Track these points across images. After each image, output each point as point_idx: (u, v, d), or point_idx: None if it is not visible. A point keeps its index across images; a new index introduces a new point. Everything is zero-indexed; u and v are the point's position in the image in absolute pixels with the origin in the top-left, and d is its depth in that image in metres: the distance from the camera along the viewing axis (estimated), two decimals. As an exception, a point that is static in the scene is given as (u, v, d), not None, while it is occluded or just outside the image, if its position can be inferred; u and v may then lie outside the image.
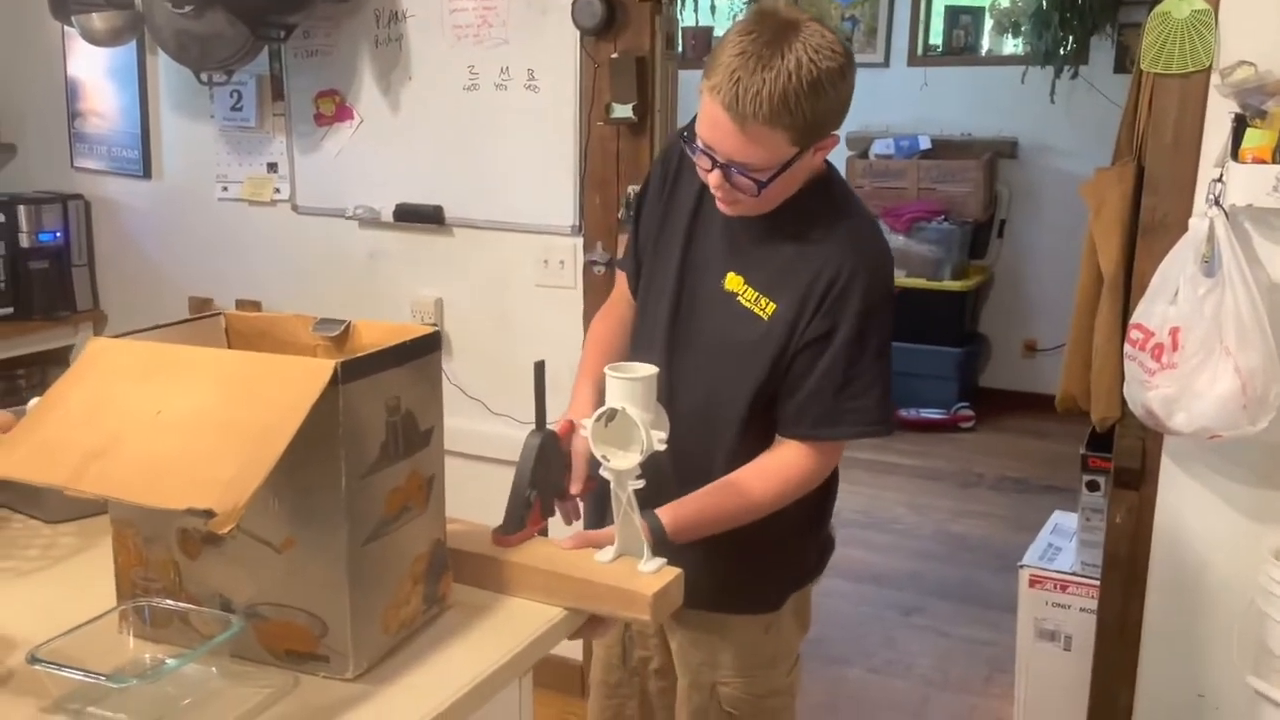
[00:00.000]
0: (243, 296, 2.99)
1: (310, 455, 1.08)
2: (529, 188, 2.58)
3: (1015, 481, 4.45)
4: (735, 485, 1.48)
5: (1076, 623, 2.40)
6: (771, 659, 1.64)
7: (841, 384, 1.46)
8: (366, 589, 1.13)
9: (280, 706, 1.09)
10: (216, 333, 1.34)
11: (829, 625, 3.20)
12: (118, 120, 3.10)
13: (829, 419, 1.47)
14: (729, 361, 1.53)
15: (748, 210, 1.49)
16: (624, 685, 1.75)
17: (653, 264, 1.62)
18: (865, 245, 1.49)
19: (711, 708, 1.63)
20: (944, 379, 5.24)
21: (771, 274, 1.50)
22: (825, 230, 1.48)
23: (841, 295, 1.45)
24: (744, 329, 1.51)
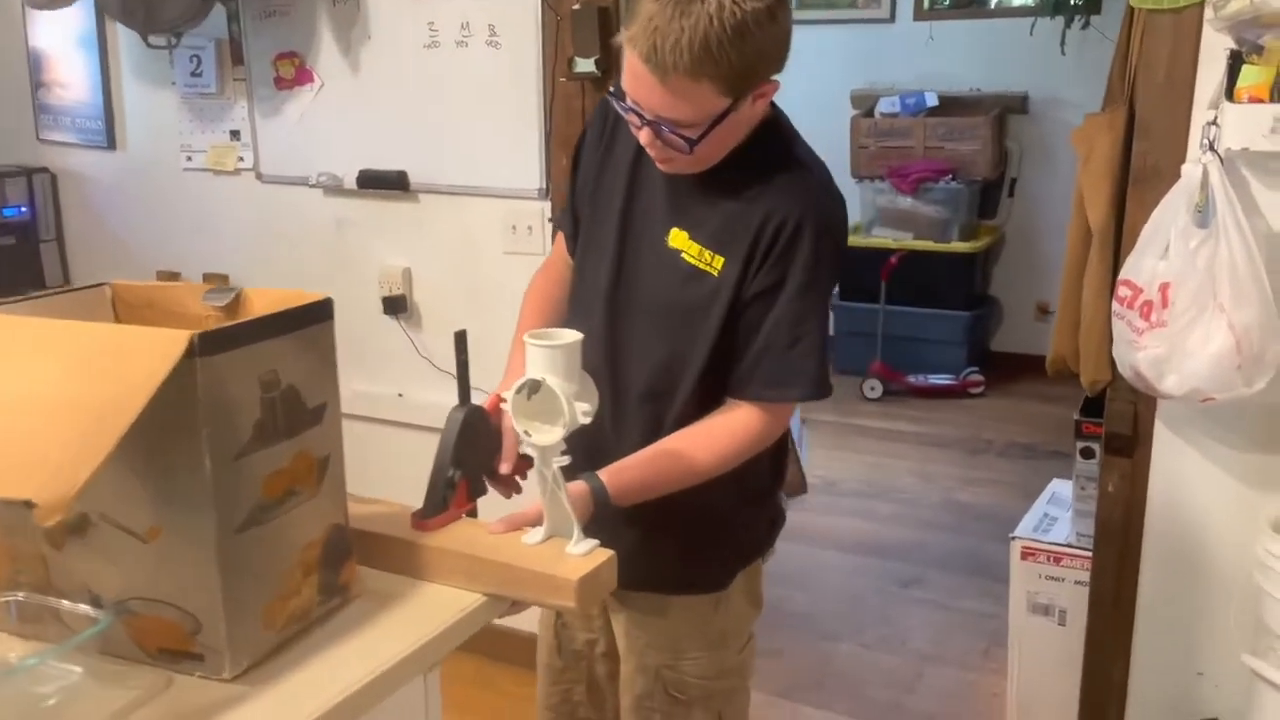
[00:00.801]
0: (210, 270, 2.90)
1: (172, 436, 0.99)
2: (493, 150, 2.46)
3: (1024, 448, 4.31)
4: (681, 447, 1.38)
5: (1071, 596, 2.28)
6: (720, 639, 1.54)
7: (789, 342, 1.36)
8: (242, 581, 1.04)
9: (146, 710, 1.00)
10: (102, 304, 1.24)
11: (822, 598, 3.10)
12: (81, 90, 3.01)
13: (778, 379, 1.37)
14: (678, 324, 1.42)
15: (686, 168, 1.37)
16: (569, 669, 1.66)
17: (591, 222, 1.51)
18: (815, 192, 1.38)
19: (657, 691, 1.53)
20: (953, 343, 5.10)
21: (717, 227, 1.39)
22: (772, 178, 1.37)
23: (790, 244, 1.34)
24: (692, 288, 1.40)
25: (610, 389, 1.46)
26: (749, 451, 1.40)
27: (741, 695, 1.61)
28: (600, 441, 1.48)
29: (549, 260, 1.64)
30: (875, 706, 2.57)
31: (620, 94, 1.32)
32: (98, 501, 1.04)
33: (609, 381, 1.46)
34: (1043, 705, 2.37)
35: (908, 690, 2.64)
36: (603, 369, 1.46)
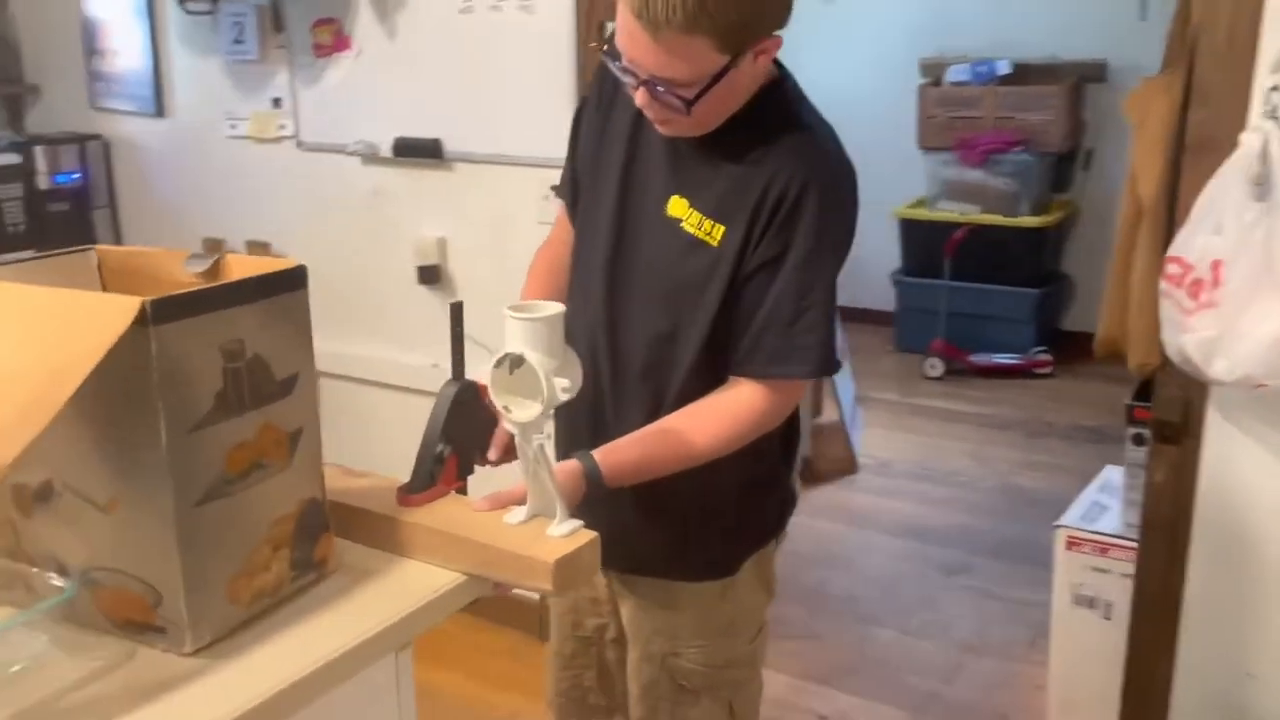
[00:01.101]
0: (252, 238, 2.91)
1: (128, 405, 0.97)
2: (527, 117, 2.42)
3: (1090, 431, 4.15)
4: (679, 426, 1.32)
5: (1118, 589, 2.18)
6: (729, 627, 1.48)
7: (792, 316, 1.29)
8: (203, 555, 1.01)
9: (104, 682, 0.99)
10: (88, 269, 1.22)
11: (865, 582, 3.02)
12: (132, 58, 3.04)
13: (782, 355, 1.30)
14: (677, 298, 1.36)
15: (686, 130, 1.31)
16: (579, 655, 1.62)
17: (590, 191, 1.45)
18: (820, 156, 1.31)
19: (663, 680, 1.49)
20: (1020, 321, 4.93)
21: (719, 194, 1.32)
22: (776, 142, 1.30)
23: (793, 211, 1.27)
24: (691, 260, 1.34)
25: (610, 365, 1.41)
26: (753, 432, 1.34)
27: (753, 686, 1.55)
28: (601, 419, 1.43)
29: (550, 236, 1.59)
30: (912, 695, 2.50)
31: (615, 54, 1.26)
32: (59, 470, 1.02)
33: (609, 357, 1.41)
34: (1085, 702, 2.28)
35: (946, 680, 2.55)
36: (602, 344, 1.41)
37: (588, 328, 1.43)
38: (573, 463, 1.28)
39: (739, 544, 1.47)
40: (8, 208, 2.95)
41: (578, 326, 1.46)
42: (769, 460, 1.45)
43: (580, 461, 1.28)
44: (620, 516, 1.43)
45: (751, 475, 1.43)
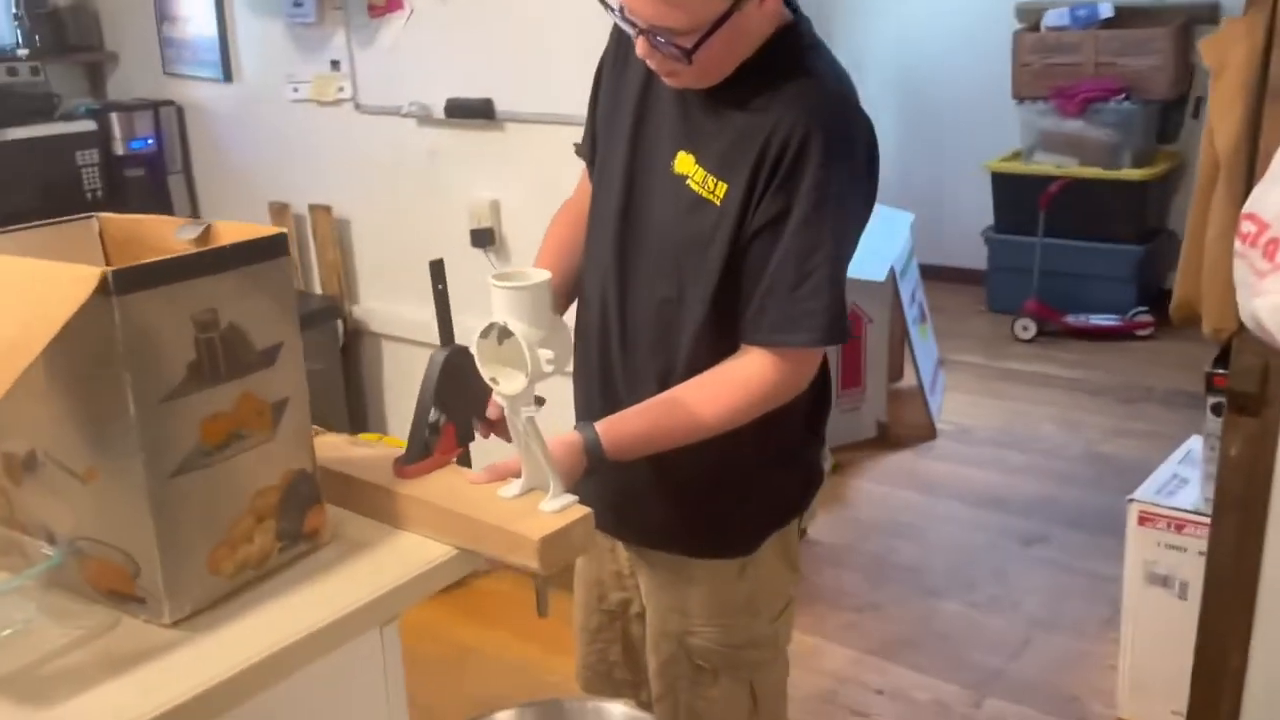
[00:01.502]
0: (315, 201, 2.93)
1: (97, 376, 0.96)
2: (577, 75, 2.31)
3: (1190, 397, 3.92)
4: (684, 397, 1.27)
5: (1194, 568, 2.04)
6: (748, 606, 1.42)
7: (796, 279, 1.22)
8: (180, 527, 1.00)
9: (84, 650, 0.99)
10: (89, 237, 1.23)
11: (933, 553, 2.92)
12: (201, 24, 3.08)
13: (787, 322, 1.23)
14: (681, 258, 1.30)
15: (693, 81, 1.24)
16: (604, 630, 1.59)
17: (604, 149, 1.39)
18: (822, 103, 1.22)
19: (680, 658, 1.44)
20: (1120, 280, 4.68)
21: (722, 149, 1.26)
22: (780, 90, 1.22)
23: (795, 165, 1.20)
24: (696, 219, 1.28)
25: (620, 331, 1.36)
26: (764, 403, 1.27)
27: (777, 667, 1.49)
28: (612, 387, 1.39)
29: (569, 199, 1.54)
30: (974, 671, 2.40)
31: (615, 4, 1.20)
32: (41, 440, 1.03)
33: (619, 323, 1.36)
34: (1158, 685, 2.16)
35: (1012, 656, 2.45)
36: (613, 310, 1.36)
37: (599, 292, 1.38)
38: (573, 435, 1.23)
39: (757, 522, 1.41)
40: (86, 174, 3.04)
41: (590, 291, 1.41)
42: (790, 434, 1.39)
43: (581, 433, 1.23)
44: (634, 488, 1.38)
45: (771, 450, 1.37)
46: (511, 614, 2.60)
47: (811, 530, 3.03)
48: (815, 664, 2.42)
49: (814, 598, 2.70)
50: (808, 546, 2.95)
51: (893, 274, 3.56)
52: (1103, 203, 4.63)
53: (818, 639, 2.51)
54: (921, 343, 3.80)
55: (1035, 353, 4.49)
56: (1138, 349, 4.48)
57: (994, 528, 3.05)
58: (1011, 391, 4.09)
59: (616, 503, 1.43)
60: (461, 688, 2.40)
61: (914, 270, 3.92)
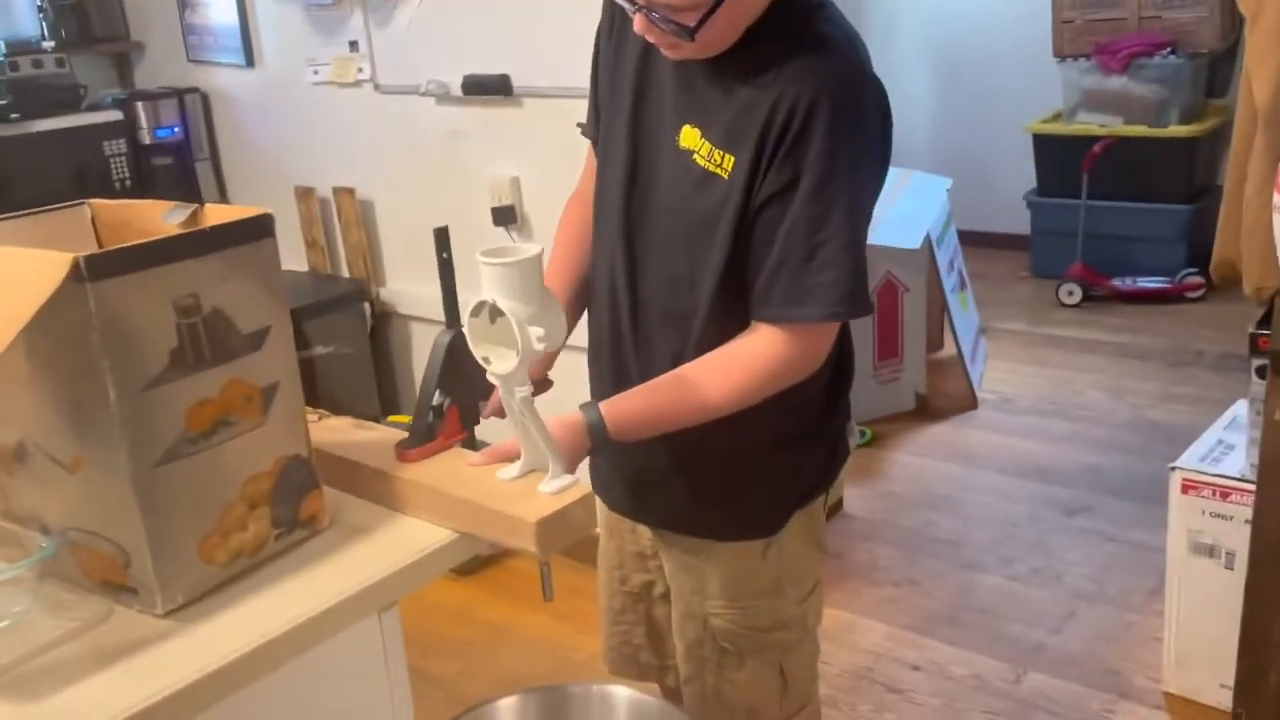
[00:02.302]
0: (339, 184, 2.92)
1: (77, 365, 0.94)
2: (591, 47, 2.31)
3: (1242, 359, 3.77)
4: (692, 376, 1.23)
5: (1240, 537, 1.97)
6: (773, 587, 1.38)
7: (806, 253, 1.17)
8: (168, 516, 0.99)
9: (77, 642, 0.98)
10: (81, 224, 1.21)
11: (972, 525, 2.86)
12: (223, 10, 3.07)
13: (797, 296, 1.18)
14: (692, 236, 1.26)
15: (696, 53, 1.20)
16: (628, 612, 1.55)
17: (607, 125, 1.35)
18: (831, 67, 1.17)
19: (706, 640, 1.41)
20: (1168, 241, 4.55)
21: (728, 121, 1.21)
22: (786, 56, 1.17)
23: (801, 133, 1.15)
24: (703, 195, 1.23)
25: (630, 310, 1.32)
26: (774, 381, 1.23)
27: (805, 647, 1.45)
28: (623, 368, 1.35)
29: (576, 190, 1.50)
30: (1014, 646, 2.35)
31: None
32: (28, 430, 1.02)
33: (629, 303, 1.32)
34: (1204, 657, 2.09)
35: (1054, 630, 2.39)
36: (622, 289, 1.32)
37: (608, 272, 1.34)
38: (576, 415, 1.20)
39: (778, 501, 1.36)
40: (114, 164, 3.05)
41: (600, 272, 1.37)
42: (809, 411, 1.34)
43: (584, 414, 1.20)
44: (652, 470, 1.36)
45: (789, 428, 1.32)
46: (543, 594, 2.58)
47: (847, 504, 2.98)
48: (850, 640, 2.38)
49: (849, 573, 2.65)
50: (843, 521, 2.91)
51: (929, 241, 3.48)
52: (1149, 162, 4.49)
53: (853, 615, 2.47)
54: (961, 311, 3.71)
55: (1080, 318, 4.38)
56: (1188, 311, 4.35)
57: (1036, 498, 2.97)
58: (1055, 358, 4.00)
59: (635, 485, 1.41)
60: (493, 668, 2.39)
61: (952, 237, 3.83)
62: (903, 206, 3.57)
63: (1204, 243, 4.57)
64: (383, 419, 2.69)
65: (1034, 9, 4.68)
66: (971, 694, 2.22)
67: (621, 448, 1.24)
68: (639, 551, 1.52)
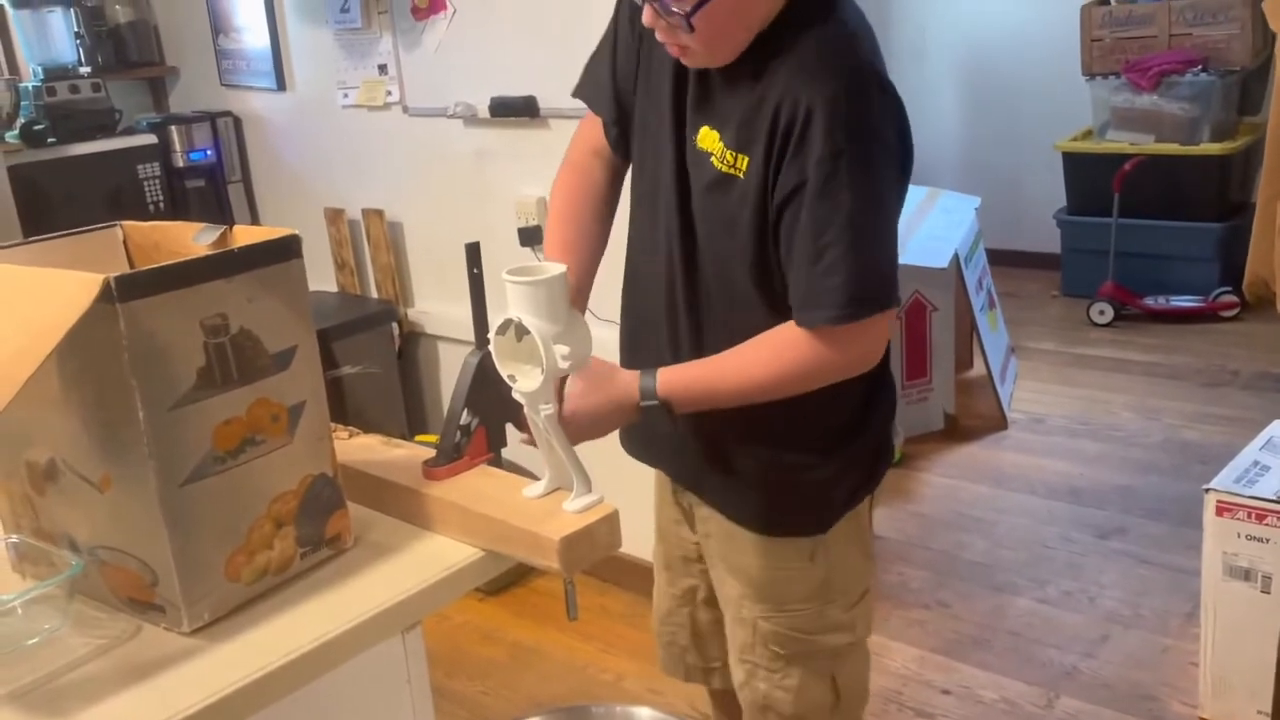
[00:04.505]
0: (368, 206, 2.95)
1: (107, 385, 0.96)
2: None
3: (1276, 380, 3.75)
4: (737, 357, 1.24)
5: (1277, 560, 1.94)
6: (822, 591, 1.38)
7: (812, 256, 1.16)
8: (195, 535, 1.00)
9: (103, 660, 0.99)
10: (114, 245, 1.23)
11: (1003, 547, 2.83)
12: (255, 35, 3.12)
13: (809, 300, 1.19)
14: (719, 234, 1.27)
15: (705, 59, 1.23)
16: (674, 614, 1.58)
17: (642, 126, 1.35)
18: (830, 64, 1.16)
19: (758, 645, 1.41)
20: (1201, 260, 4.49)
21: (738, 123, 1.22)
22: (788, 55, 1.17)
23: (803, 135, 1.15)
24: (724, 195, 1.24)
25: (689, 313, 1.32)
26: (807, 377, 1.22)
27: (857, 656, 1.46)
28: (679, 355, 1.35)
29: (570, 158, 1.48)
30: (1046, 670, 2.31)
31: None
32: (59, 449, 1.03)
33: (688, 304, 1.32)
34: (1241, 682, 2.05)
35: (1087, 654, 2.35)
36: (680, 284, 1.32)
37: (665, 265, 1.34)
38: (633, 372, 1.23)
39: (830, 498, 1.37)
40: (148, 186, 3.09)
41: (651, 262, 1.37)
42: (844, 417, 1.34)
43: (641, 381, 1.23)
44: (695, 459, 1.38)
45: (824, 432, 1.33)
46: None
47: (876, 525, 2.94)
48: (879, 663, 2.35)
49: (879, 595, 2.62)
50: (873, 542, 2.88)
51: (957, 260, 3.46)
52: (1181, 180, 4.45)
53: (882, 637, 2.44)
54: (990, 330, 3.68)
55: (1112, 337, 4.33)
56: (1222, 331, 4.29)
57: (1068, 520, 2.93)
58: (1087, 378, 3.95)
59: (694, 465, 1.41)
60: (517, 688, 2.38)
61: (981, 256, 3.80)
62: (931, 225, 3.56)
63: (1238, 261, 4.53)
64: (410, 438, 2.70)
65: (1063, 27, 4.67)
66: (1002, 718, 2.18)
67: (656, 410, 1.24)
68: (684, 555, 1.54)
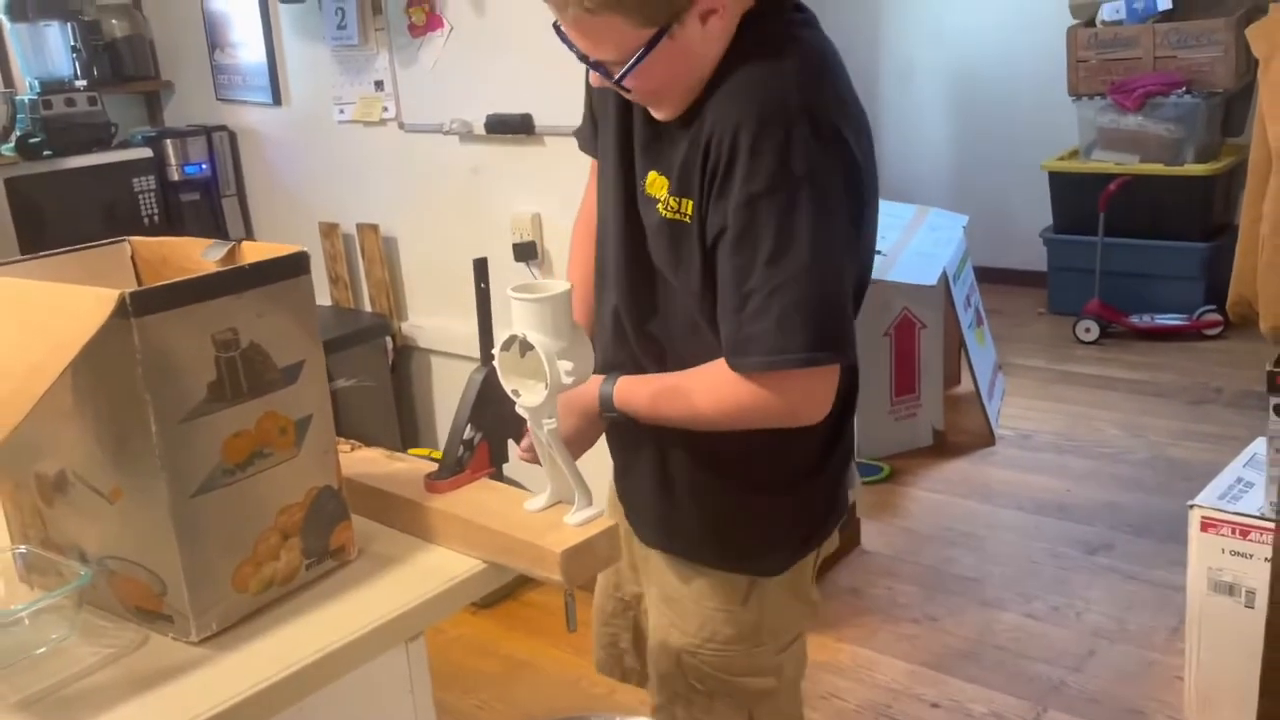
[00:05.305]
0: (362, 220, 2.97)
1: (119, 398, 0.97)
2: (614, 86, 2.35)
3: (1261, 397, 3.77)
4: (690, 378, 1.24)
5: (1261, 575, 1.96)
6: (752, 634, 1.37)
7: (738, 301, 1.14)
8: (204, 545, 1.01)
9: (111, 669, 1.00)
10: (122, 261, 1.25)
11: (991, 562, 2.85)
12: (251, 50, 3.14)
13: (738, 346, 1.16)
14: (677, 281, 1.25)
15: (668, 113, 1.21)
16: (617, 616, 1.58)
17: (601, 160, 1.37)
18: (754, 105, 1.10)
19: (677, 676, 1.41)
20: (1185, 279, 4.55)
21: (679, 165, 1.19)
22: (719, 91, 1.14)
23: (724, 182, 1.12)
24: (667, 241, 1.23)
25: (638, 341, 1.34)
26: (744, 418, 1.20)
27: (781, 699, 1.43)
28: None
29: (586, 204, 1.52)
30: (1034, 684, 2.34)
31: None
32: (69, 461, 1.04)
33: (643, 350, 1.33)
34: (1227, 697, 2.08)
35: (1074, 668, 2.38)
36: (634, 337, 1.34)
37: (612, 314, 1.36)
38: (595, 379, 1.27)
39: (774, 537, 1.36)
40: (143, 200, 3.11)
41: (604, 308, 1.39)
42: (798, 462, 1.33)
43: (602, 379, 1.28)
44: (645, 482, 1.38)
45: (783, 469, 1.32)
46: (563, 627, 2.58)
47: (866, 540, 2.98)
48: (869, 677, 2.38)
49: (868, 609, 2.65)
50: (862, 557, 2.90)
51: (945, 278, 3.50)
52: (1165, 200, 4.51)
53: (871, 651, 2.46)
54: (978, 347, 3.72)
55: (1098, 355, 4.38)
56: (1206, 349, 4.35)
57: (1055, 536, 2.96)
58: (1073, 395, 3.99)
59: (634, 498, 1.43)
60: (512, 701, 2.40)
61: (969, 273, 3.85)
62: (920, 243, 3.60)
63: (1221, 280, 4.58)
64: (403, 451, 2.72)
65: (1049, 49, 4.73)
66: (991, 732, 2.21)
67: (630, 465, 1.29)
68: (632, 562, 1.53)
